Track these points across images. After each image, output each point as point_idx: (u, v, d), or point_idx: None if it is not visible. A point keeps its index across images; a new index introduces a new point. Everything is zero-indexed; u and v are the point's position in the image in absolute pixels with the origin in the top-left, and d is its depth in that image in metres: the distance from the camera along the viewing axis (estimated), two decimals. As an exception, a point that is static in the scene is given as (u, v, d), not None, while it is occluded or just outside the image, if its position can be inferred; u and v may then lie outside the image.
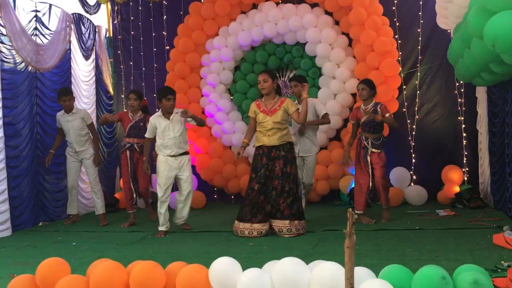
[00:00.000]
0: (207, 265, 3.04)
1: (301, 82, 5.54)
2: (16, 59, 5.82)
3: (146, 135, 5.47)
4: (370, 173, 5.45)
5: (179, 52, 7.24)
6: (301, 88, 5.36)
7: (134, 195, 6.01)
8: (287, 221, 5.03)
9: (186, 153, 5.44)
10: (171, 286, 3.03)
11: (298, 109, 5.11)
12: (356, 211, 5.48)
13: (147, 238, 5.28)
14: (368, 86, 5.43)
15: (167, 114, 5.35)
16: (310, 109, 5.49)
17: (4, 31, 5.59)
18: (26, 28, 5.97)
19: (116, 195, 7.44)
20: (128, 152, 5.97)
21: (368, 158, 5.45)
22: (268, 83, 5.07)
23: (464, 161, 6.66)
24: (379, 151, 5.45)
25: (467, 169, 6.66)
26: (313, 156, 5.71)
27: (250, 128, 5.30)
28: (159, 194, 5.35)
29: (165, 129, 5.31)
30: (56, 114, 6.21)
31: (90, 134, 6.25)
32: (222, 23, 7.17)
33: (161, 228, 5.38)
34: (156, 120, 5.36)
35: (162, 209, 5.36)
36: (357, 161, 5.57)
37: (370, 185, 5.46)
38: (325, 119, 5.63)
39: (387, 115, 5.38)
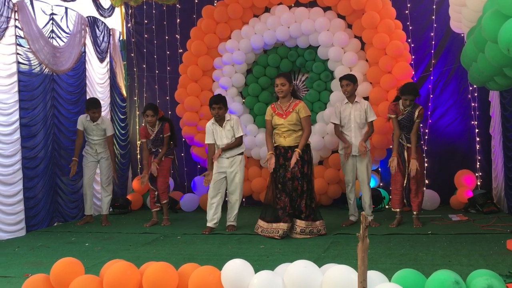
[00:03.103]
0: (219, 267, 3.06)
1: (354, 81, 5.60)
2: (33, 61, 5.91)
3: (206, 141, 5.63)
4: (406, 169, 5.35)
5: (192, 55, 7.28)
6: (354, 87, 5.54)
7: (157, 193, 6.17)
8: (309, 222, 5.14)
9: (240, 153, 5.59)
10: (183, 287, 3.05)
11: (309, 115, 5.21)
12: (392, 209, 5.55)
13: (159, 239, 5.32)
14: (414, 94, 5.32)
15: (219, 121, 5.55)
16: (362, 110, 5.59)
17: (21, 33, 5.69)
18: (43, 31, 6.07)
19: (128, 197, 7.49)
20: (152, 157, 6.18)
21: (405, 154, 5.39)
22: (286, 87, 5.18)
23: (477, 166, 6.62)
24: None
25: (480, 173, 6.60)
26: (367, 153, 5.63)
27: (268, 132, 5.36)
28: (209, 190, 5.60)
29: (220, 136, 5.53)
30: (80, 117, 6.33)
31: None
32: (234, 26, 7.21)
33: (208, 224, 5.55)
34: (212, 127, 5.57)
35: (210, 206, 5.55)
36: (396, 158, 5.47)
37: (405, 182, 5.40)
38: (372, 127, 5.66)
39: (418, 120, 5.34)
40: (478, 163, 6.62)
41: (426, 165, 6.73)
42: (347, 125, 5.67)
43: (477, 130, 6.62)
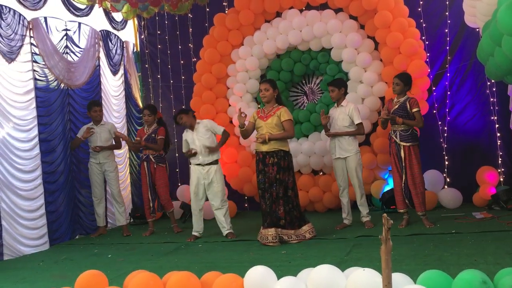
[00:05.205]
0: (241, 274, 3.05)
1: (338, 87, 5.63)
2: (49, 77, 6.01)
3: (183, 151, 5.87)
4: (404, 170, 5.32)
5: (206, 63, 7.32)
6: (339, 92, 5.60)
7: (151, 204, 6.28)
8: (287, 230, 5.13)
9: (215, 162, 5.65)
10: (207, 296, 3.05)
11: (291, 119, 5.26)
12: (398, 211, 5.49)
13: (180, 248, 5.33)
14: (402, 81, 5.39)
15: (190, 127, 5.75)
16: (345, 114, 5.61)
17: (37, 50, 5.79)
18: (57, 47, 6.16)
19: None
20: (145, 163, 6.25)
21: (402, 154, 5.33)
22: (269, 92, 5.28)
23: (499, 162, 6.50)
24: (409, 144, 5.31)
25: (502, 169, 6.48)
26: (353, 156, 5.60)
27: (248, 126, 5.43)
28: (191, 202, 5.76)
29: (192, 139, 5.72)
30: (83, 126, 6.40)
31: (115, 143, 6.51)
32: (246, 32, 7.22)
33: (193, 233, 5.72)
34: (186, 135, 5.80)
35: (194, 217, 5.71)
36: (392, 158, 5.46)
37: (403, 183, 5.35)
38: (358, 129, 5.64)
39: (414, 110, 5.31)
40: (500, 159, 6.50)
41: (446, 163, 6.65)
42: (332, 128, 5.72)
43: (497, 126, 6.50)
